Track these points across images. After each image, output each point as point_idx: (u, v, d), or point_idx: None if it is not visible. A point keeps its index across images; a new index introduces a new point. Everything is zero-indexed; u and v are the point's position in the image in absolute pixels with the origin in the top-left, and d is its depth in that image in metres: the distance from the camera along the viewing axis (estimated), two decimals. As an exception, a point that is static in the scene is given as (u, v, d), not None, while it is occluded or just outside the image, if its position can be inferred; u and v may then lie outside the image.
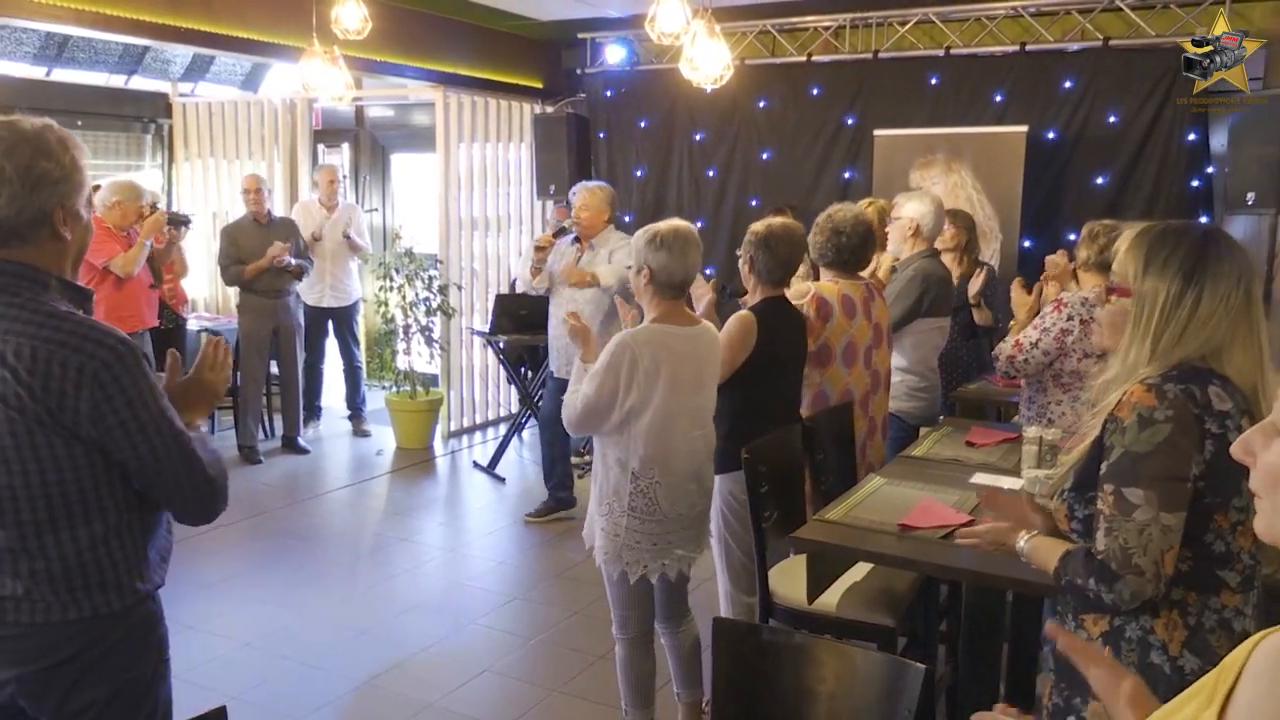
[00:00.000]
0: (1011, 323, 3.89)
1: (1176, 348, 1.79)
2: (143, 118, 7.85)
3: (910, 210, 4.23)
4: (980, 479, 3.14)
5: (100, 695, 1.81)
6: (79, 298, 1.83)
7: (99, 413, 1.72)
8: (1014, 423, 4.12)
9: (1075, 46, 6.04)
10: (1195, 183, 5.77)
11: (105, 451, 1.76)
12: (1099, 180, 5.93)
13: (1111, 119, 5.86)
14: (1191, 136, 5.67)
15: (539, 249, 5.12)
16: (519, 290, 6.34)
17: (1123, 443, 1.76)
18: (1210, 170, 5.84)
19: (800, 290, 3.56)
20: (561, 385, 5.23)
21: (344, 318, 7.19)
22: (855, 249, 3.65)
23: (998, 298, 5.08)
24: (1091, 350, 3.34)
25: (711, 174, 7.16)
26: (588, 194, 5.13)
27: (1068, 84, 5.95)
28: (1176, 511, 1.73)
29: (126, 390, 1.73)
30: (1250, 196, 5.18)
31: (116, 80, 7.60)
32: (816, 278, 3.92)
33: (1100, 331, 2.03)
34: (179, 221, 6.10)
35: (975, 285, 4.87)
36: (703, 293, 3.54)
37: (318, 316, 7.06)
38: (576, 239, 5.16)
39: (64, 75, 7.22)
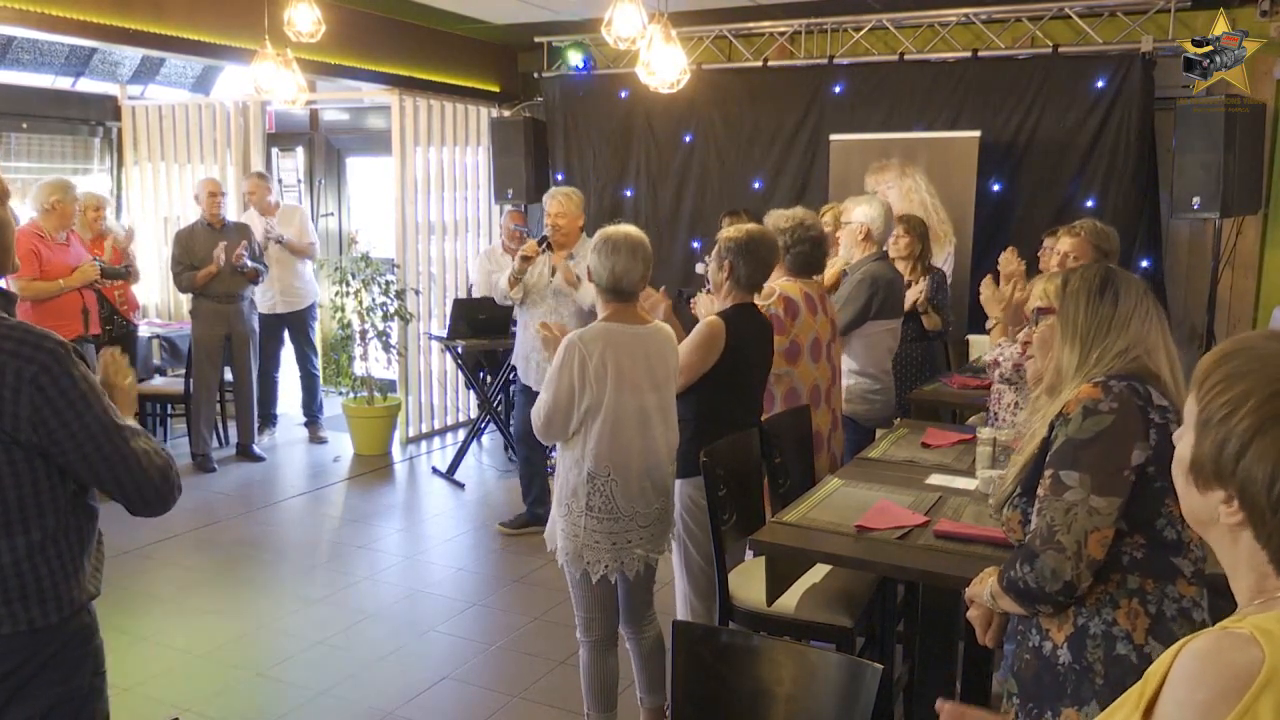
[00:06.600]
0: (989, 323, 3.89)
1: (1106, 346, 1.89)
2: (90, 120, 7.71)
3: (860, 214, 4.28)
4: (936, 480, 3.18)
5: (36, 711, 1.77)
6: (3, 301, 1.80)
7: (40, 417, 1.69)
8: (969, 424, 4.17)
9: (1025, 53, 6.14)
10: (1142, 187, 5.89)
11: (46, 456, 1.73)
12: (1049, 185, 6.03)
13: (1061, 125, 5.97)
14: (1138, 142, 5.78)
15: (525, 258, 4.87)
16: (478, 295, 6.30)
17: (1066, 431, 1.84)
18: (1157, 175, 5.97)
19: (765, 290, 3.60)
20: (532, 397, 5.17)
21: (298, 323, 7.09)
22: (812, 253, 3.75)
23: (948, 301, 5.15)
24: None
25: (668, 178, 7.18)
26: (565, 199, 4.90)
27: (1018, 90, 6.06)
28: (1109, 497, 1.79)
29: (67, 393, 1.71)
30: (1195, 200, 5.31)
31: (63, 82, 7.44)
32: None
33: (1035, 359, 2.10)
34: (114, 275, 6.08)
35: (914, 293, 4.81)
36: (655, 302, 3.53)
37: (272, 323, 6.96)
38: (548, 247, 4.90)
39: (8, 77, 7.06)
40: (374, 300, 6.56)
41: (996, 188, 6.11)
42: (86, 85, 7.60)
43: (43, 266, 5.54)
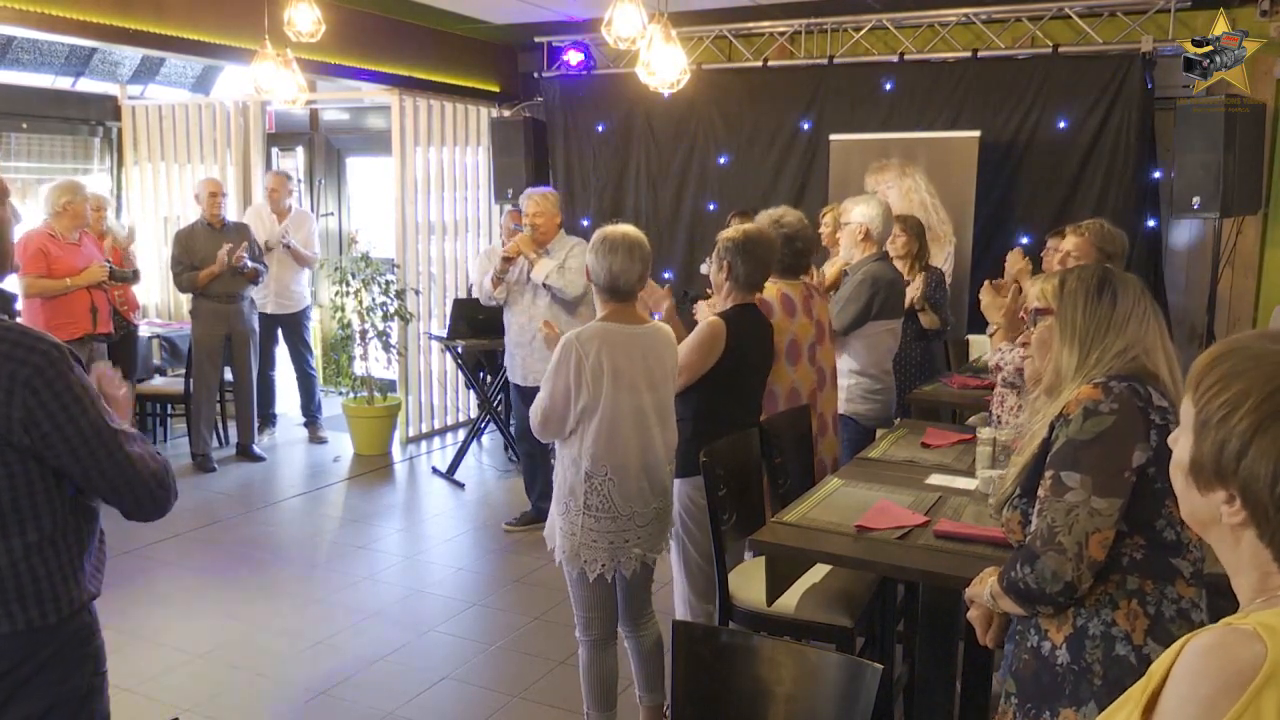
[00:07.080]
0: (990, 329, 3.87)
1: (1105, 346, 1.89)
2: (90, 120, 7.71)
3: (859, 214, 4.27)
4: (936, 480, 3.18)
5: (34, 710, 1.77)
6: (1, 302, 1.80)
7: (33, 419, 1.69)
8: (969, 424, 4.17)
9: (1025, 53, 6.14)
10: (1142, 187, 5.89)
11: (40, 458, 1.72)
12: (1049, 184, 6.03)
13: (1061, 124, 5.97)
14: (1138, 142, 5.78)
15: (506, 259, 5.04)
16: (474, 296, 6.32)
17: (1067, 432, 1.84)
18: (1157, 175, 5.97)
19: None
20: (524, 394, 5.23)
21: (292, 325, 7.10)
22: (799, 253, 3.77)
23: (946, 300, 5.15)
24: None
25: (668, 178, 7.18)
26: (541, 199, 5.10)
27: (1018, 90, 6.06)
28: (1110, 498, 1.79)
29: (61, 395, 1.70)
30: (1195, 200, 5.31)
31: (63, 82, 7.44)
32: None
33: (1032, 360, 2.10)
34: (122, 278, 6.08)
35: (913, 290, 4.86)
36: (659, 299, 3.55)
37: (266, 323, 6.96)
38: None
39: (8, 77, 7.06)
40: (374, 300, 6.56)
41: (996, 188, 6.11)
42: (86, 85, 7.59)
43: (50, 265, 5.55)
